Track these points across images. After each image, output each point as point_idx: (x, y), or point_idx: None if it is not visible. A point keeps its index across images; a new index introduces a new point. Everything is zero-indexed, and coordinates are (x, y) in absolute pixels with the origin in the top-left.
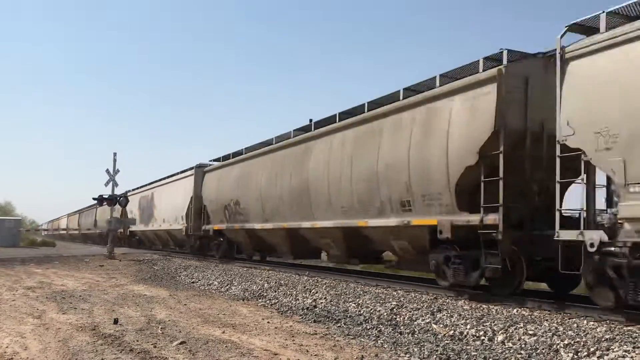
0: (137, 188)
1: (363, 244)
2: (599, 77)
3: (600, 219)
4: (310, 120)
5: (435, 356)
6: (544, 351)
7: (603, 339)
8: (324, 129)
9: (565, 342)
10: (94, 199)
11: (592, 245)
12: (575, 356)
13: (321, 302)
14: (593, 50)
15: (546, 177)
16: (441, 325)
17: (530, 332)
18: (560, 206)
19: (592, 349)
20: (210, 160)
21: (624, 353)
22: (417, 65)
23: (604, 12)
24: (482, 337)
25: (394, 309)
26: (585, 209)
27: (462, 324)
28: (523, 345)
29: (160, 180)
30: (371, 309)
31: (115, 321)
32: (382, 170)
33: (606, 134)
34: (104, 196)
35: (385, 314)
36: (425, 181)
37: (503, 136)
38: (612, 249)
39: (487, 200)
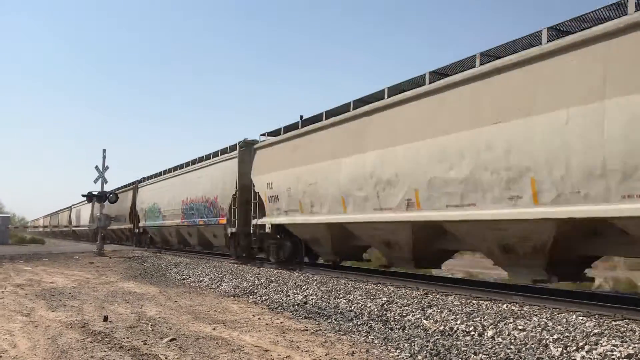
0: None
1: None
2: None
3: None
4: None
5: (425, 352)
6: (533, 346)
7: (592, 334)
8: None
9: (555, 336)
10: (83, 195)
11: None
12: (565, 351)
13: (312, 299)
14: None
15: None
16: (431, 321)
17: (520, 327)
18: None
19: (581, 344)
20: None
21: (612, 347)
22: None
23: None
24: (472, 333)
25: (385, 305)
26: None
27: (452, 320)
28: (513, 340)
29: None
30: (362, 305)
31: (105, 318)
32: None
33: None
34: (93, 193)
35: (375, 310)
36: None
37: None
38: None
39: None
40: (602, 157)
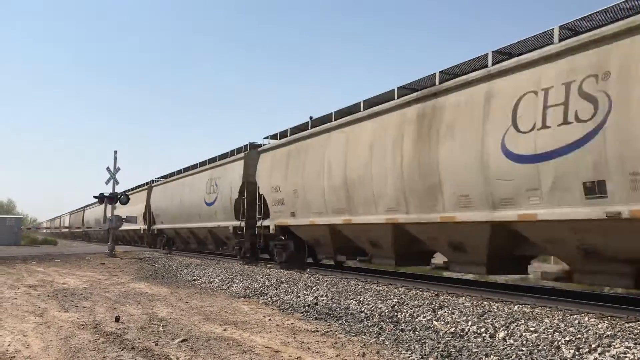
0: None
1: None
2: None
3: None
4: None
5: (436, 353)
6: (545, 348)
7: (604, 335)
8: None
9: (567, 338)
10: (94, 197)
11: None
12: (577, 352)
13: (322, 300)
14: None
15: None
16: (442, 322)
17: (532, 329)
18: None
19: (593, 346)
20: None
21: (625, 349)
22: None
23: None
24: (484, 334)
25: (395, 306)
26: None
27: (463, 321)
28: (524, 342)
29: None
30: (372, 306)
31: (117, 319)
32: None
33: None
34: (104, 194)
35: (386, 311)
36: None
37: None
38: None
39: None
40: None
